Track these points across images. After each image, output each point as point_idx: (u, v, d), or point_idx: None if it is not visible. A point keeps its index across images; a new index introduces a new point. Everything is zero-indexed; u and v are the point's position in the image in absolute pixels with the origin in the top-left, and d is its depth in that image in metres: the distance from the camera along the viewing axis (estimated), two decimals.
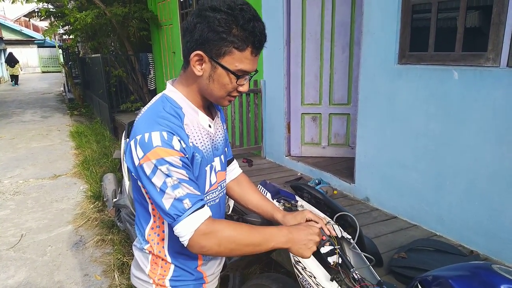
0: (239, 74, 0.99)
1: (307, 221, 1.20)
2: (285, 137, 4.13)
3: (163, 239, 1.11)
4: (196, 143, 1.04)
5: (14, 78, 20.83)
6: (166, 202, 0.95)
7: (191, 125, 1.04)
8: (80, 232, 3.78)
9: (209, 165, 1.09)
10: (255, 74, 1.05)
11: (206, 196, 1.11)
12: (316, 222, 1.18)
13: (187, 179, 0.97)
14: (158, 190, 0.95)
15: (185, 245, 0.97)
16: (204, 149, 1.06)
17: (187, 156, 0.98)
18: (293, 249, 1.05)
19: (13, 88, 19.44)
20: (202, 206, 0.97)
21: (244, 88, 1.04)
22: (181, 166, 0.95)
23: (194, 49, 0.97)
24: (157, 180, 0.94)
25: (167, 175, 0.94)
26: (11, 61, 20.78)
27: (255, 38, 0.96)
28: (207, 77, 1.00)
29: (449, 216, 2.48)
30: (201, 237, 0.96)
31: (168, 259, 1.11)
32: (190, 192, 0.96)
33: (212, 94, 1.04)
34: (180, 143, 0.96)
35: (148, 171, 0.94)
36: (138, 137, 0.95)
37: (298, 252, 1.05)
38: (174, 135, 0.95)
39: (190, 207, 0.95)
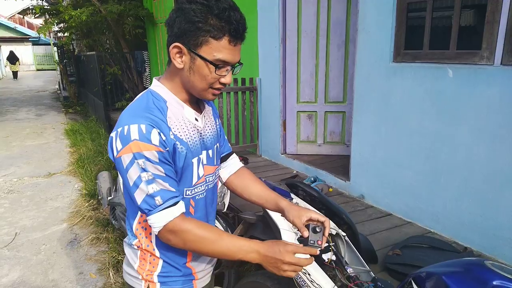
0: (217, 64, 1.00)
1: (311, 221, 1.15)
2: (281, 135, 4.14)
3: (150, 233, 1.12)
4: (180, 135, 1.05)
5: (15, 74, 23.22)
6: (138, 197, 0.97)
7: (174, 118, 1.05)
8: (74, 231, 3.76)
9: (196, 158, 1.10)
10: (239, 66, 1.05)
11: (194, 189, 1.12)
12: (321, 222, 1.13)
13: (163, 175, 0.98)
14: (132, 183, 0.97)
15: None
16: (190, 141, 1.07)
17: (167, 149, 0.99)
18: (265, 266, 1.01)
19: (7, 85, 19.51)
20: (175, 204, 0.99)
21: (226, 80, 1.04)
22: (157, 161, 0.97)
23: (173, 42, 1.00)
24: (133, 173, 0.96)
25: (143, 169, 0.96)
26: (13, 58, 23.09)
27: (231, 27, 0.96)
28: (188, 69, 1.02)
29: (444, 214, 2.50)
30: (168, 233, 0.99)
31: (157, 253, 1.12)
32: (164, 188, 0.98)
33: (194, 87, 1.04)
34: (160, 135, 0.97)
35: (125, 163, 0.96)
36: (119, 130, 0.97)
37: (270, 270, 1.01)
38: (153, 128, 0.97)
39: (161, 204, 0.97)
